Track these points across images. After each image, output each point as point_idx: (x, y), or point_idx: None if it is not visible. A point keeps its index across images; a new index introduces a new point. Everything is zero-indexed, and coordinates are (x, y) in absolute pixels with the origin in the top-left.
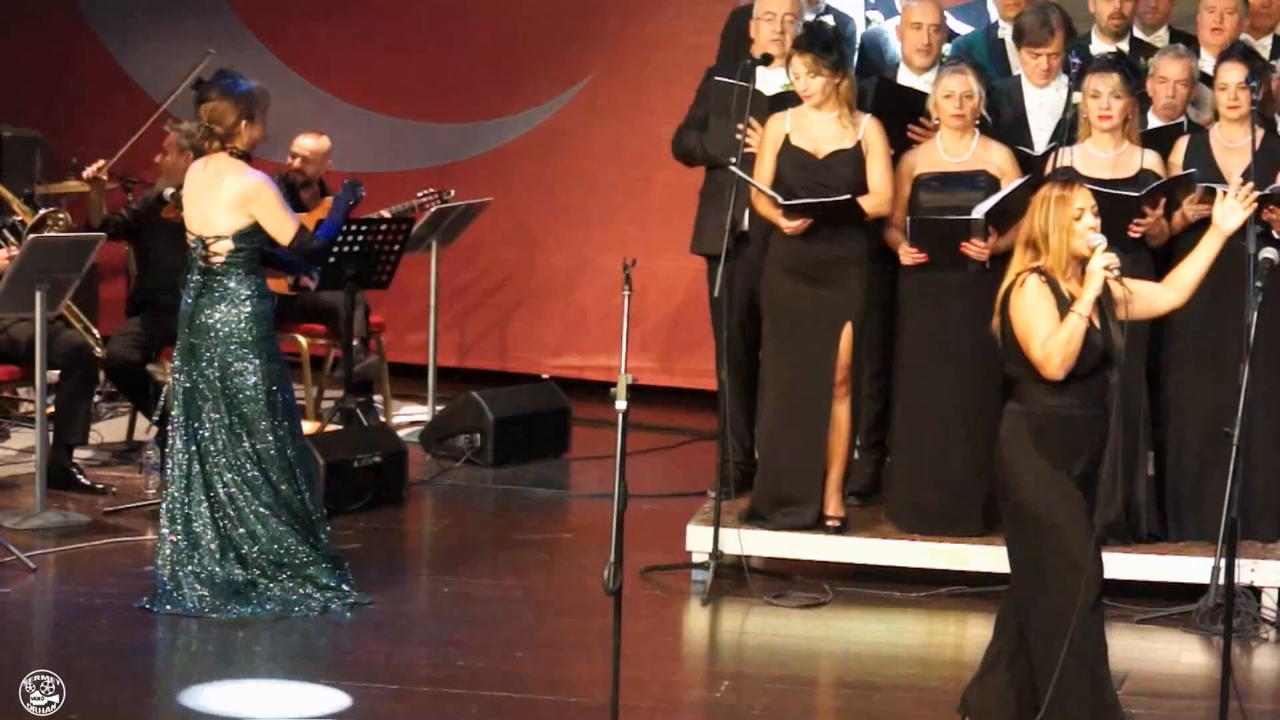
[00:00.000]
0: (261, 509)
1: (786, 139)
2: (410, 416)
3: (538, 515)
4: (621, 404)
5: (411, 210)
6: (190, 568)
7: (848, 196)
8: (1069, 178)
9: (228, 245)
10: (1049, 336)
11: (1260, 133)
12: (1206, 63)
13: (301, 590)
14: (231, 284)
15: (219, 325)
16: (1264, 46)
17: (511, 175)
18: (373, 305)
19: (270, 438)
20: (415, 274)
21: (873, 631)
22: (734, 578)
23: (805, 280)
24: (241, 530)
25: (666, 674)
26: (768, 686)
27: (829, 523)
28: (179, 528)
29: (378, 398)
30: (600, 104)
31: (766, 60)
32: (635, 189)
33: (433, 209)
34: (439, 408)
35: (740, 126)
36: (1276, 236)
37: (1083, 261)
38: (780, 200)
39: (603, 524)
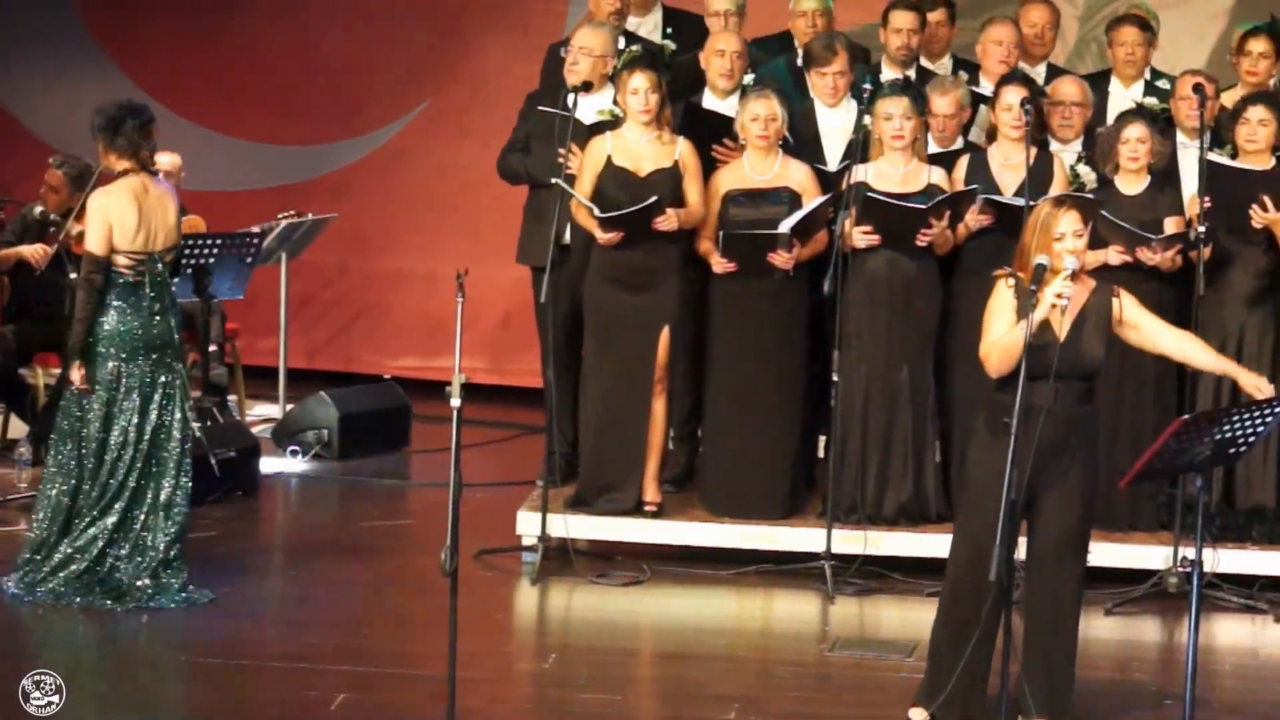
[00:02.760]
0: (154, 507)
1: (609, 159)
2: (263, 415)
3: (380, 504)
4: (456, 401)
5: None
6: (58, 559)
7: (654, 199)
8: (1061, 198)
9: (170, 256)
10: (995, 339)
11: (1034, 151)
12: (987, 87)
13: (165, 582)
14: (169, 294)
15: (171, 331)
16: (1038, 74)
17: (355, 193)
18: (228, 313)
19: (180, 437)
20: (267, 284)
21: (687, 606)
22: (560, 559)
23: (625, 287)
24: (142, 524)
25: (499, 648)
26: (592, 658)
27: (647, 508)
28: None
29: (232, 397)
30: (435, 127)
31: (586, 88)
32: (467, 205)
33: (283, 224)
34: (289, 406)
35: (562, 151)
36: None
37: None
38: (597, 212)
39: (440, 511)
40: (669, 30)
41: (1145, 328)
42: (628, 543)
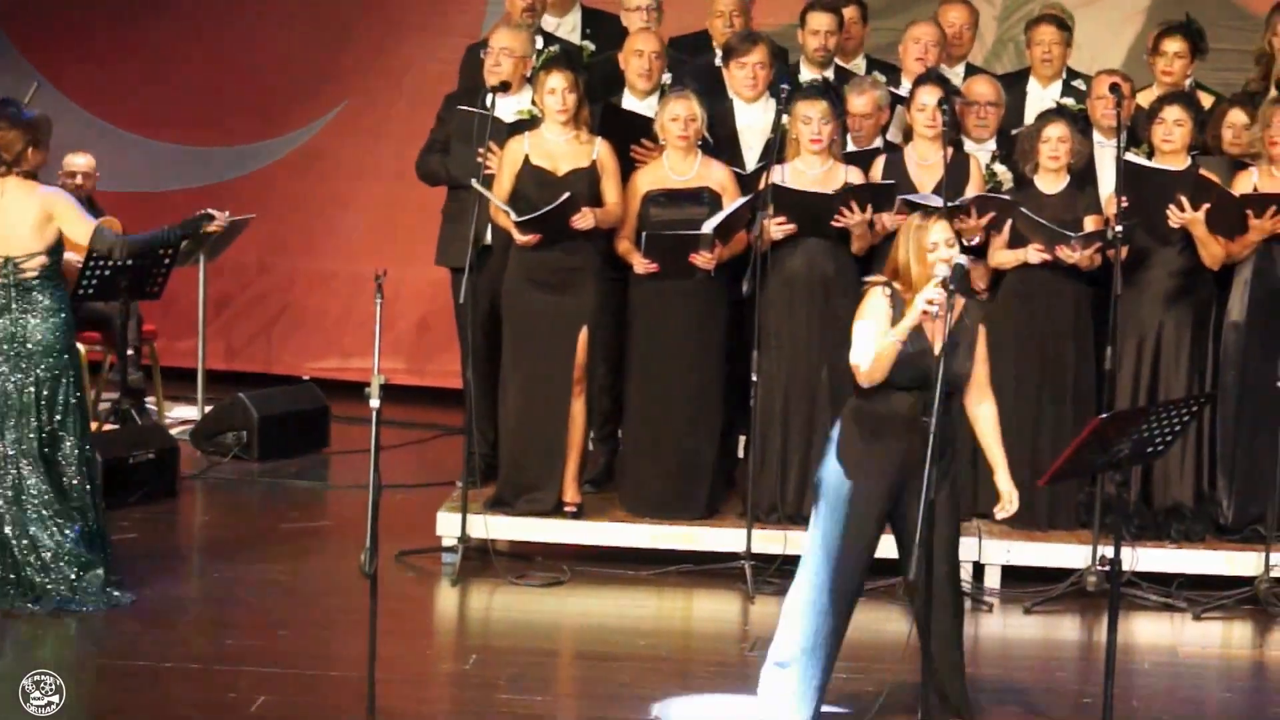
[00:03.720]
0: (59, 509)
1: (526, 159)
2: (181, 416)
3: (300, 506)
4: (375, 402)
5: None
6: None
7: (568, 195)
8: (930, 209)
9: (41, 260)
10: (864, 347)
11: (950, 150)
12: (905, 87)
13: (84, 584)
14: (44, 297)
15: (37, 336)
16: (956, 74)
17: (274, 194)
18: (145, 314)
19: (76, 438)
20: (185, 285)
21: (607, 607)
22: (481, 560)
23: (544, 288)
24: (40, 530)
25: (420, 649)
26: (512, 659)
27: (567, 508)
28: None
29: (150, 400)
30: (354, 128)
31: (505, 88)
32: (386, 206)
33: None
34: (208, 408)
35: (481, 151)
36: (966, 243)
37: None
38: (514, 215)
39: (360, 513)
40: (588, 31)
41: (977, 373)
42: (548, 543)
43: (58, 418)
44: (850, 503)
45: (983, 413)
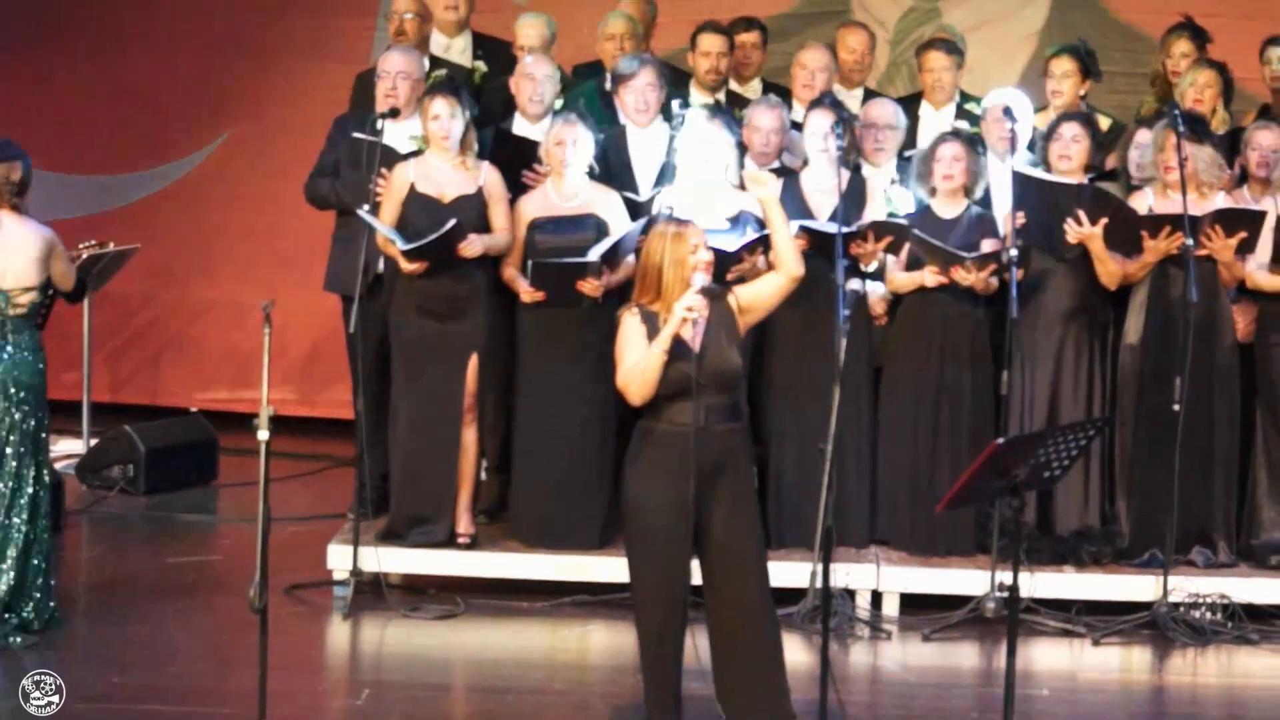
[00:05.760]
0: (20, 544)
1: (412, 186)
2: (66, 450)
3: (188, 540)
4: (264, 434)
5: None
6: None
7: (454, 222)
8: (683, 218)
9: (33, 296)
10: (630, 365)
11: (846, 175)
12: (798, 112)
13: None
14: (27, 334)
15: (21, 373)
16: (855, 97)
17: (159, 222)
18: None
19: (37, 476)
20: (70, 316)
21: (502, 639)
22: (373, 593)
23: (432, 316)
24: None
25: (311, 685)
26: (406, 693)
27: (460, 540)
28: None
29: None
30: (240, 154)
31: (394, 114)
32: (274, 233)
33: (84, 256)
34: (93, 441)
35: (373, 178)
36: (863, 269)
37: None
38: (400, 244)
39: (249, 546)
40: (479, 53)
41: (754, 293)
42: (441, 575)
43: (28, 456)
44: (644, 525)
45: (776, 274)
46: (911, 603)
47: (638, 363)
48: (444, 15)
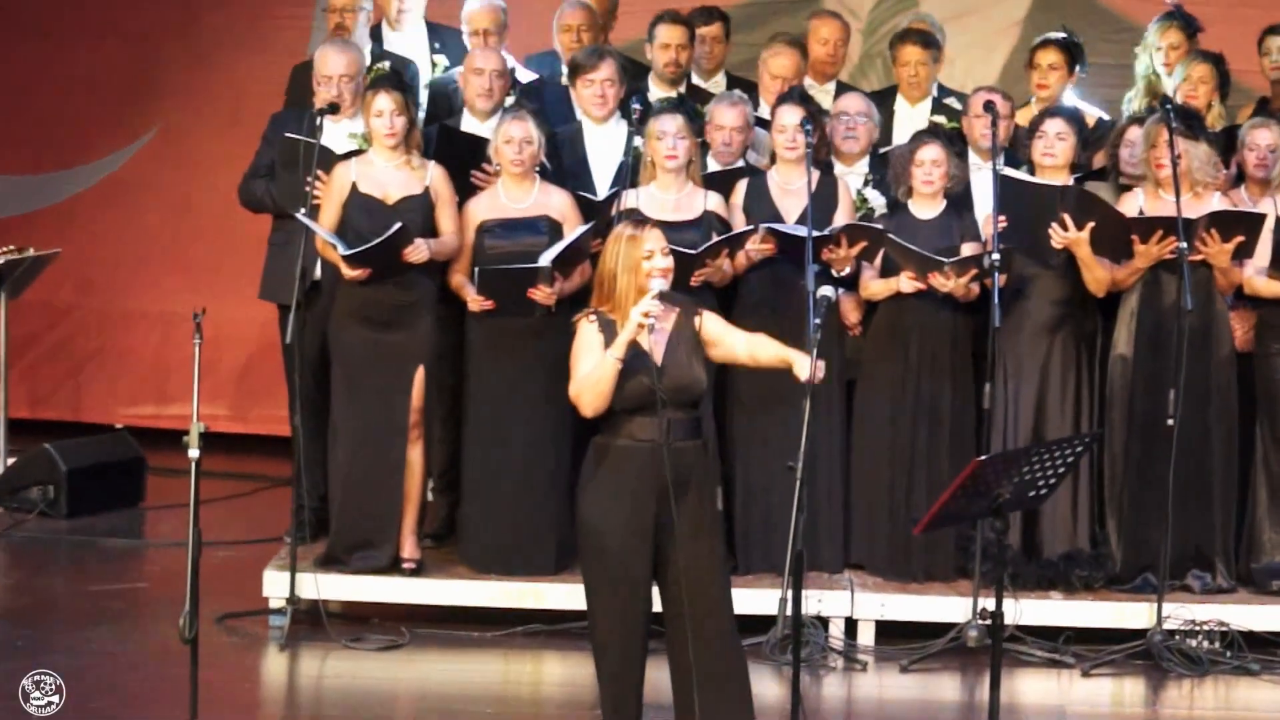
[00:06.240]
0: None
1: (354, 187)
2: None
3: (113, 566)
4: (194, 452)
5: None
6: None
7: (399, 226)
8: (641, 219)
9: None
10: (583, 374)
11: (816, 174)
12: (765, 109)
13: None
14: None
15: None
16: (827, 92)
17: (81, 227)
18: None
19: None
20: None
21: (451, 672)
22: (311, 622)
23: (374, 326)
24: None
25: None
26: None
27: (405, 565)
28: None
29: None
30: (168, 153)
31: (334, 110)
32: (205, 237)
33: (0, 262)
34: (10, 460)
35: (310, 179)
36: (835, 275)
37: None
38: (341, 249)
39: (179, 573)
40: (436, 45)
41: (723, 340)
42: (384, 603)
43: None
44: (601, 549)
45: (756, 344)
46: (888, 631)
47: (590, 372)
48: (395, 5)
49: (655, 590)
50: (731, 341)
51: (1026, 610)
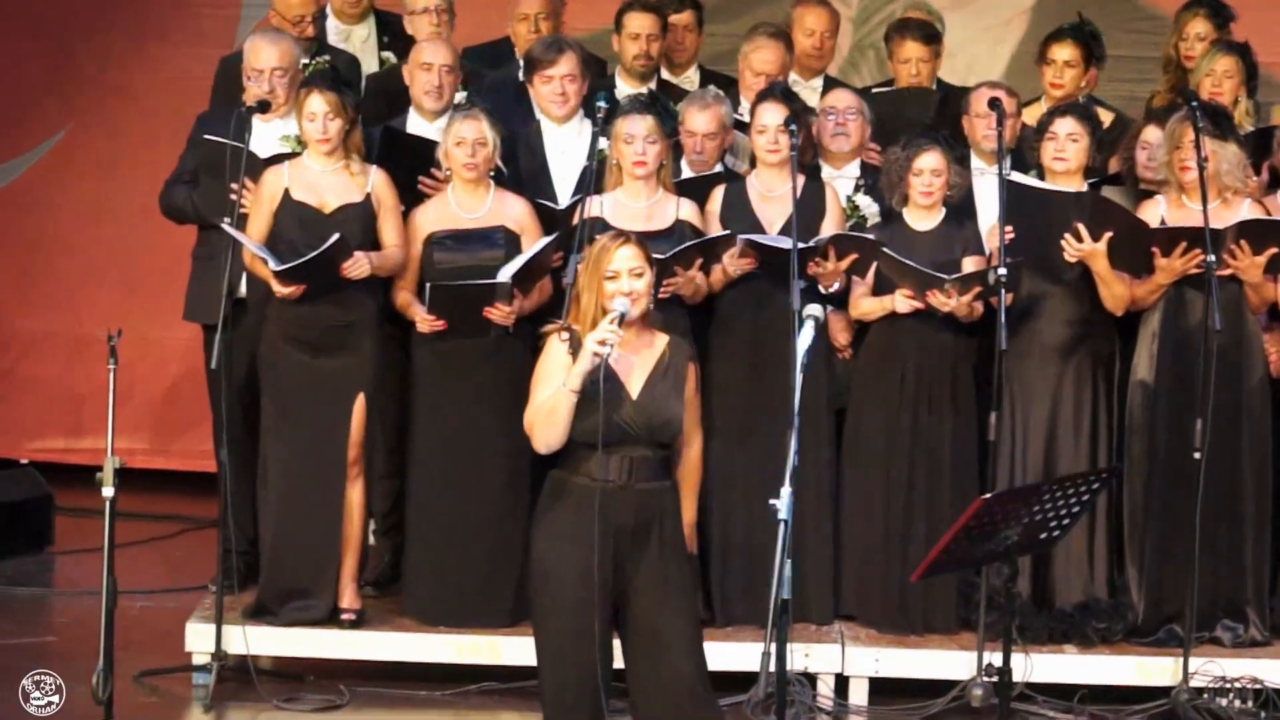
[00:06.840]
0: None
1: (286, 193)
2: None
3: (17, 616)
4: (109, 491)
5: None
6: None
7: (336, 237)
8: (623, 233)
9: None
10: (538, 404)
11: (801, 179)
12: (746, 108)
13: None
14: None
15: None
16: (814, 88)
17: None
18: None
19: None
20: None
21: None
22: (240, 680)
23: (309, 349)
24: None
25: None
26: None
27: (344, 616)
28: None
29: None
30: (78, 158)
31: (264, 108)
32: (121, 250)
33: None
34: None
35: (235, 187)
36: (822, 292)
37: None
38: (273, 263)
39: (91, 625)
40: (385, 40)
41: (686, 407)
42: (321, 659)
43: None
44: (552, 597)
45: (686, 455)
46: (883, 689)
47: (545, 401)
48: None
49: (619, 644)
50: (688, 418)
51: (1037, 666)
